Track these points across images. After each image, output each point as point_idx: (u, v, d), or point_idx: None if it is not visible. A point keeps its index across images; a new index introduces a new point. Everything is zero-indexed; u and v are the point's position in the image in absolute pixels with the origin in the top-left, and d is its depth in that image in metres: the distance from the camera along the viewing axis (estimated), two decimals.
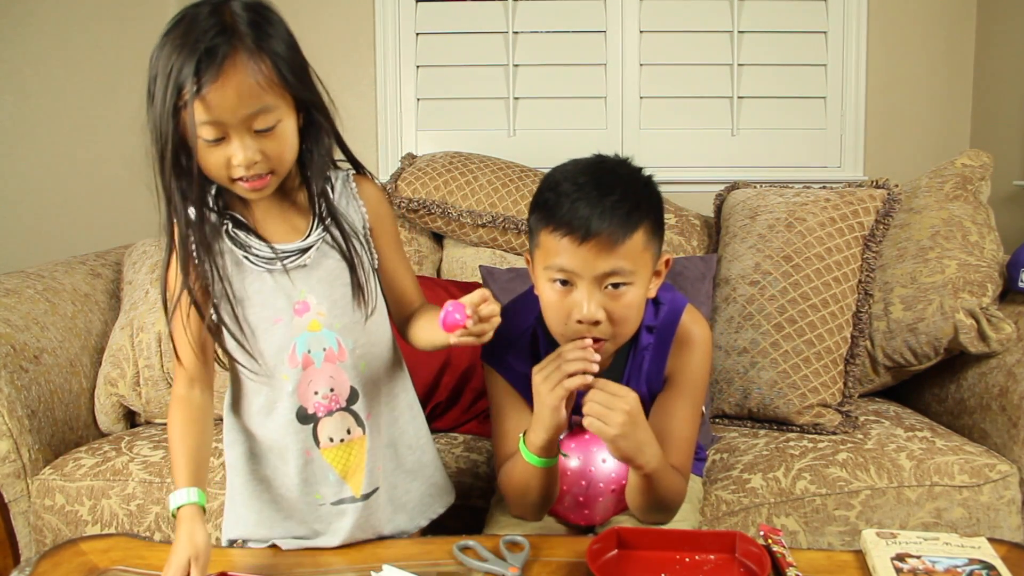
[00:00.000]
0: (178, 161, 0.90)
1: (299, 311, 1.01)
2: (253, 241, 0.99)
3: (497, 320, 0.92)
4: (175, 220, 0.95)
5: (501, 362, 1.13)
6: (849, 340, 1.57)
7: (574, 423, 1.19)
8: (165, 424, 1.67)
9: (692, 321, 1.10)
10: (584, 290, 0.97)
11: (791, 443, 1.48)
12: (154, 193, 0.93)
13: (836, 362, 1.56)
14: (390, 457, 1.10)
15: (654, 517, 1.08)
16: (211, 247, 0.96)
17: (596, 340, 0.98)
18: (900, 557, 0.92)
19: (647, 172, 1.03)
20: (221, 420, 1.14)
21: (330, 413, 1.03)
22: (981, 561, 0.91)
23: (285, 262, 0.99)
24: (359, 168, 1.08)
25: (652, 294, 1.04)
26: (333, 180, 1.04)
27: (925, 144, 2.23)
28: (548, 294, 1.00)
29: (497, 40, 2.25)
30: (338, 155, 1.05)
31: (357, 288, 1.02)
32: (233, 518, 1.10)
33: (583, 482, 1.11)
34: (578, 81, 2.25)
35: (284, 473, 1.05)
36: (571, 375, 0.96)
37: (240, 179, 0.93)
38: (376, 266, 1.07)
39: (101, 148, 2.15)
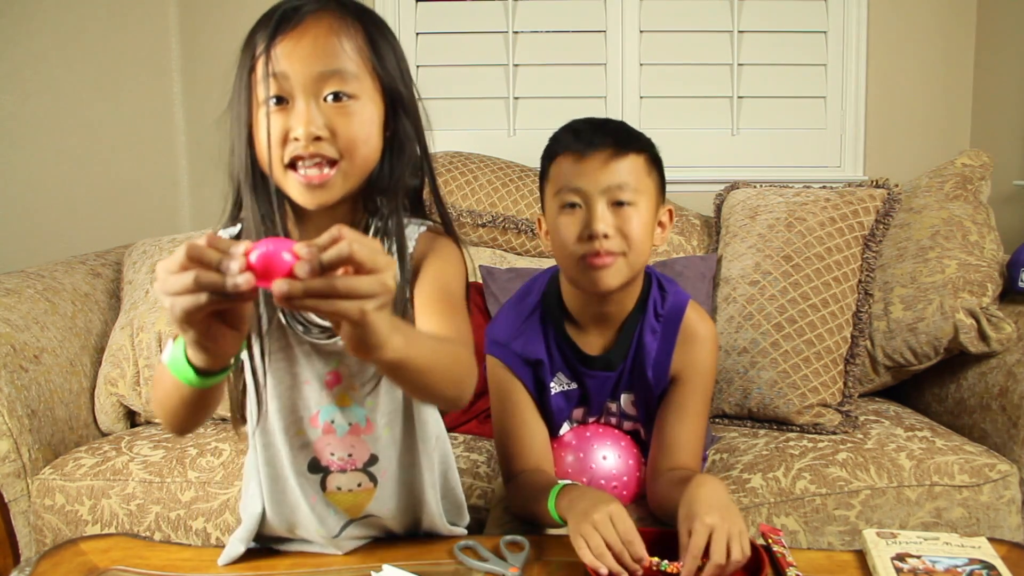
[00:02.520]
0: (247, 143, 0.79)
1: (329, 383, 0.88)
2: None
3: (369, 282, 0.59)
4: (234, 213, 0.85)
5: (507, 352, 1.12)
6: (849, 340, 1.57)
7: (574, 420, 1.19)
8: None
9: (698, 319, 1.11)
10: (594, 207, 1.01)
11: (791, 443, 1.48)
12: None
13: (836, 362, 1.56)
14: (402, 496, 1.00)
15: None
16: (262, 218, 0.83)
17: (609, 254, 1.01)
18: (900, 557, 0.92)
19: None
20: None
21: (343, 471, 0.95)
22: (981, 561, 0.91)
23: (319, 338, 0.83)
24: (445, 220, 0.87)
25: (659, 243, 1.09)
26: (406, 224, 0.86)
27: (925, 144, 2.23)
28: (559, 221, 1.03)
29: (497, 40, 2.25)
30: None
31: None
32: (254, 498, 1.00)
33: (583, 479, 1.12)
34: (578, 81, 2.25)
35: (296, 497, 0.95)
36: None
37: (297, 165, 0.77)
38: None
39: (101, 148, 2.15)
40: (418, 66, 2.27)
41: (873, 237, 1.60)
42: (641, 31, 2.23)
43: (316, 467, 0.94)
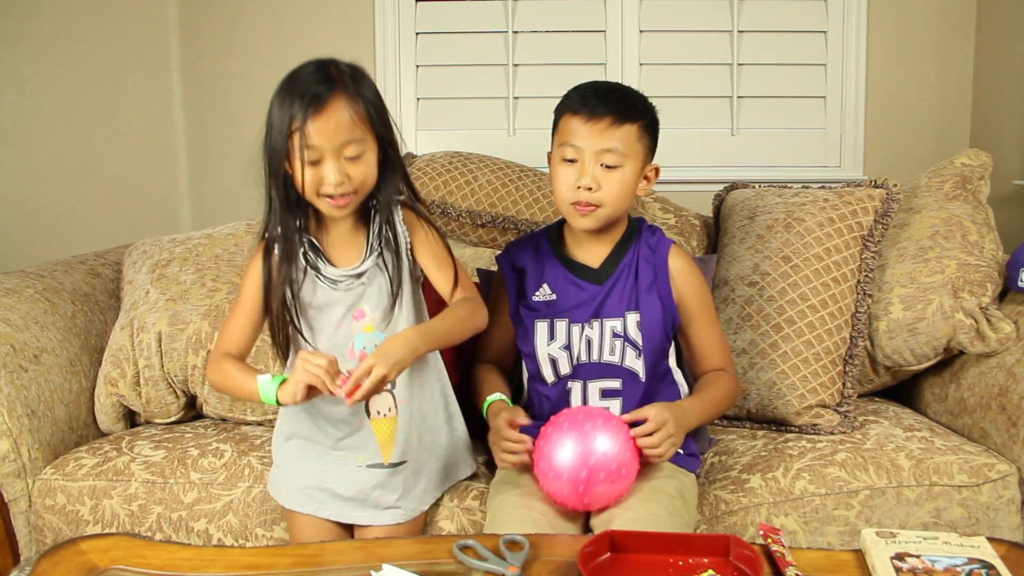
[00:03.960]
0: (285, 179, 1.16)
1: (357, 317, 1.25)
2: (322, 264, 1.24)
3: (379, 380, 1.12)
4: (272, 224, 1.21)
5: (505, 259, 1.40)
6: (848, 340, 1.57)
7: (556, 337, 1.32)
8: (165, 424, 1.68)
9: (679, 257, 1.35)
10: (585, 163, 1.25)
11: (790, 443, 1.48)
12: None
13: (835, 363, 1.56)
14: (417, 436, 1.30)
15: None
16: (292, 258, 1.21)
17: (589, 205, 1.25)
18: (899, 556, 0.92)
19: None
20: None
21: (378, 392, 1.21)
22: (980, 560, 0.91)
23: (345, 285, 1.23)
24: (415, 200, 1.28)
25: (642, 193, 1.32)
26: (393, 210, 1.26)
27: (925, 144, 2.23)
28: (558, 170, 1.28)
29: (497, 40, 2.25)
30: None
31: (392, 301, 1.25)
32: (280, 480, 1.34)
33: (581, 460, 1.14)
34: (578, 81, 2.23)
35: (334, 438, 1.28)
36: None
37: (328, 196, 1.15)
38: (420, 277, 1.30)
39: (101, 148, 2.15)
40: (418, 66, 2.28)
41: (872, 237, 1.60)
42: (641, 31, 2.23)
43: None
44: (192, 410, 1.71)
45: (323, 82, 1.12)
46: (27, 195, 1.96)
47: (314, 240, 1.24)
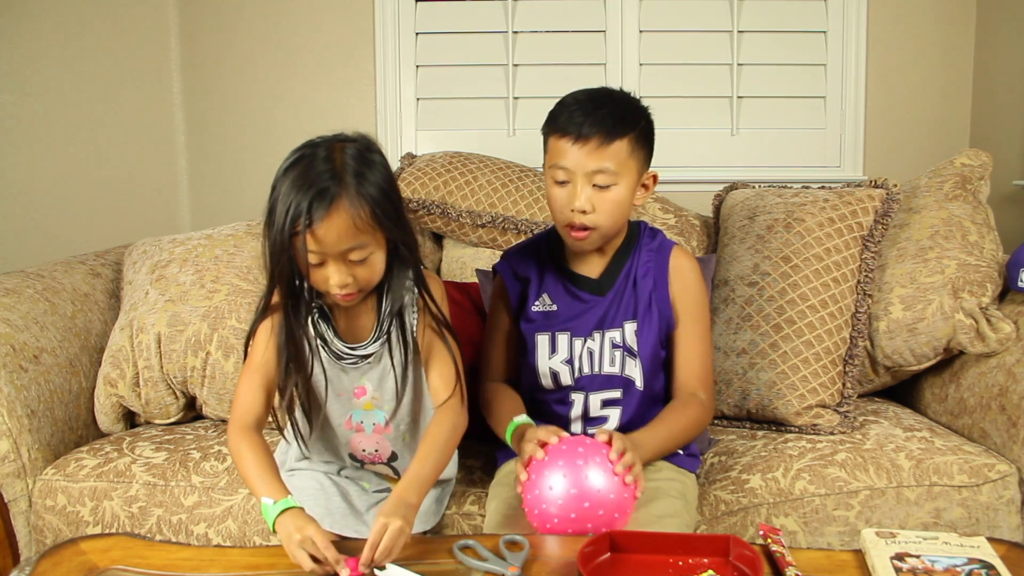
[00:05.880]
0: (287, 270, 1.10)
1: (358, 394, 1.23)
2: (330, 336, 1.20)
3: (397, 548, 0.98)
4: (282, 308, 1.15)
5: (506, 266, 1.36)
6: (848, 341, 1.57)
7: (558, 350, 1.28)
8: (165, 425, 1.68)
9: (682, 256, 1.31)
10: (577, 185, 1.20)
11: (789, 444, 1.48)
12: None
13: (835, 363, 1.56)
14: None
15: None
16: (300, 334, 1.16)
17: (584, 228, 1.22)
18: (899, 556, 0.92)
19: (646, 106, 1.28)
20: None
21: (374, 463, 1.30)
22: (980, 560, 0.91)
23: (349, 361, 1.21)
24: (423, 294, 1.20)
25: (639, 202, 1.27)
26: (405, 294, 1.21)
27: (925, 144, 2.23)
28: (552, 192, 1.24)
29: (497, 40, 2.25)
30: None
31: (397, 385, 1.22)
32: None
33: (578, 503, 1.05)
34: (578, 81, 2.18)
35: (336, 470, 1.31)
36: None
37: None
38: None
39: (101, 148, 2.15)
40: (418, 66, 2.28)
41: (871, 237, 1.60)
42: (641, 31, 2.23)
43: (355, 459, 1.30)
44: (192, 411, 1.71)
45: (329, 178, 1.05)
46: (27, 195, 1.96)
47: (325, 307, 1.20)
